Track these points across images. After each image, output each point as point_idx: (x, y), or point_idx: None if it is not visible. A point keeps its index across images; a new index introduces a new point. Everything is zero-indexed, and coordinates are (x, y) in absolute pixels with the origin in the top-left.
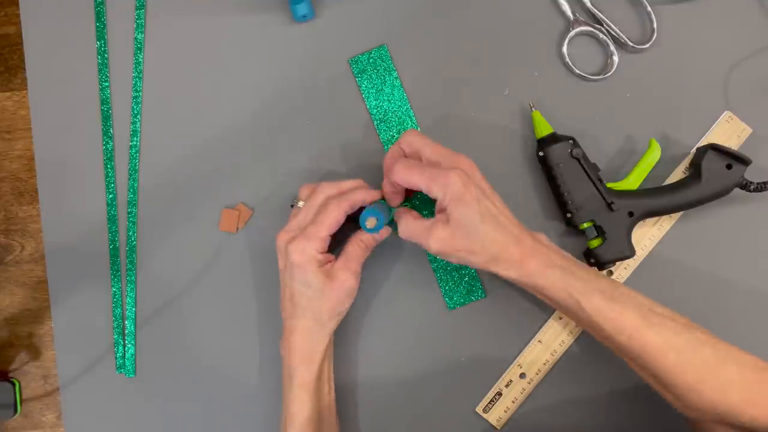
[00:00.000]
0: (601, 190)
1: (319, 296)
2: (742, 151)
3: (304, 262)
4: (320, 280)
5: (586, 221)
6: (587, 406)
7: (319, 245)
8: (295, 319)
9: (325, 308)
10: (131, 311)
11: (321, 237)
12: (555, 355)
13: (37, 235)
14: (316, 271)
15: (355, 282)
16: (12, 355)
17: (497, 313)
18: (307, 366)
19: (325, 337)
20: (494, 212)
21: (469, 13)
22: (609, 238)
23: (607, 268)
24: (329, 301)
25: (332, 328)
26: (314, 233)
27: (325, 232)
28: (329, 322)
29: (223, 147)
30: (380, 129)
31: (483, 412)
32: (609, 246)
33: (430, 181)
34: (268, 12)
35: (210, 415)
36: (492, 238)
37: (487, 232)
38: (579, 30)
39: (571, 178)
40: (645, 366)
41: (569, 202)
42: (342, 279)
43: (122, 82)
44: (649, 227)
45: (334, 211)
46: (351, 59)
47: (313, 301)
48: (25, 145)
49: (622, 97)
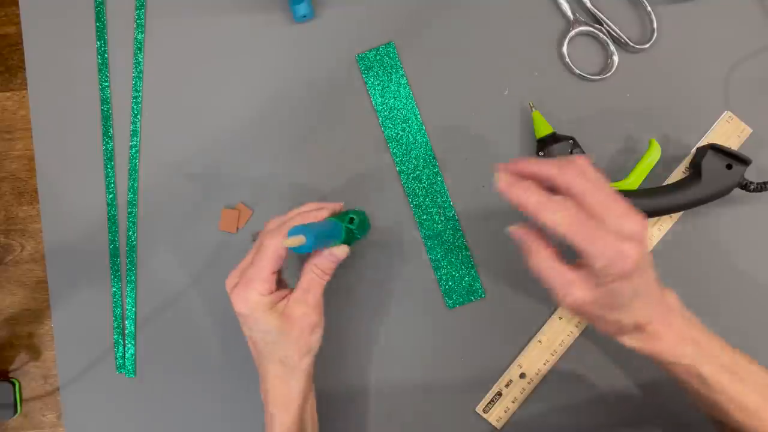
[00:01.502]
0: None
1: (280, 339)
2: (743, 152)
3: (250, 310)
4: (275, 323)
5: None
6: (587, 406)
7: (262, 287)
8: (264, 366)
9: (291, 351)
10: (131, 311)
11: (262, 278)
12: (555, 355)
13: (37, 235)
14: (266, 316)
15: (316, 315)
16: (12, 355)
17: (497, 313)
18: (286, 411)
19: (300, 378)
20: (649, 283)
21: (468, 13)
22: None
23: None
24: (293, 343)
25: (306, 366)
26: (254, 275)
27: (265, 271)
28: (300, 363)
29: (223, 147)
30: (385, 126)
31: (483, 412)
32: None
33: (591, 244)
34: (268, 12)
35: (210, 415)
36: (636, 313)
37: (633, 308)
38: (579, 30)
39: None
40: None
41: None
42: (299, 315)
43: (122, 82)
44: (649, 227)
45: (270, 246)
46: (358, 55)
47: (276, 345)
48: (25, 145)
49: (622, 97)
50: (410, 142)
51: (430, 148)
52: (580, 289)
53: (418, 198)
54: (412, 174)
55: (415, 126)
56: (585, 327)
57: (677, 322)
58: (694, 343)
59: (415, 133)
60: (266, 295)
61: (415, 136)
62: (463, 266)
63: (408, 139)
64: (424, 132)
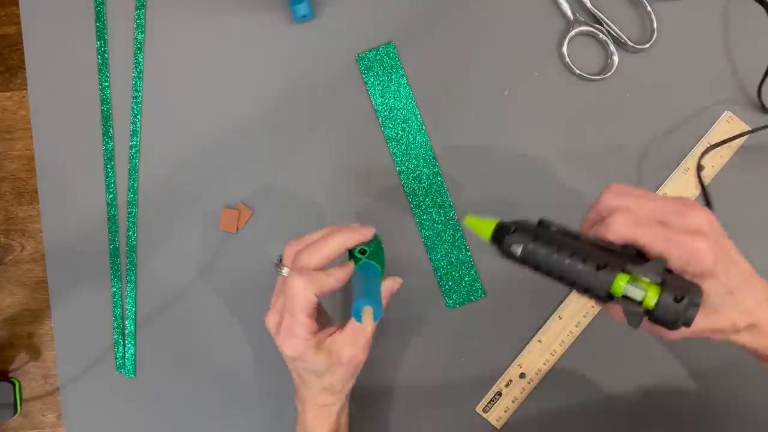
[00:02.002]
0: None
1: (327, 373)
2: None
3: (298, 354)
4: (323, 361)
5: (622, 278)
6: (587, 405)
7: (305, 332)
8: (307, 390)
9: (336, 381)
10: (131, 311)
11: (303, 324)
12: (555, 355)
13: (37, 235)
14: (314, 356)
15: (364, 355)
16: (12, 355)
17: (497, 313)
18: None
19: (340, 400)
20: (743, 271)
21: (468, 13)
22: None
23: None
24: (340, 375)
25: (348, 390)
26: (294, 324)
27: (304, 319)
28: (343, 389)
29: (223, 147)
30: (385, 126)
31: (483, 412)
32: (671, 286)
33: (668, 244)
34: (268, 12)
35: (210, 415)
36: (743, 309)
37: (737, 304)
38: (579, 30)
39: (563, 254)
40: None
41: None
42: (349, 356)
43: (122, 82)
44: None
45: (299, 296)
46: (358, 55)
47: (322, 378)
48: (25, 145)
49: (622, 97)
50: (410, 142)
51: (430, 148)
52: None
53: (418, 198)
54: (412, 174)
55: (415, 126)
56: (585, 327)
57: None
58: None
59: (415, 133)
60: (311, 338)
61: (415, 136)
62: (463, 266)
63: (408, 139)
64: (424, 132)
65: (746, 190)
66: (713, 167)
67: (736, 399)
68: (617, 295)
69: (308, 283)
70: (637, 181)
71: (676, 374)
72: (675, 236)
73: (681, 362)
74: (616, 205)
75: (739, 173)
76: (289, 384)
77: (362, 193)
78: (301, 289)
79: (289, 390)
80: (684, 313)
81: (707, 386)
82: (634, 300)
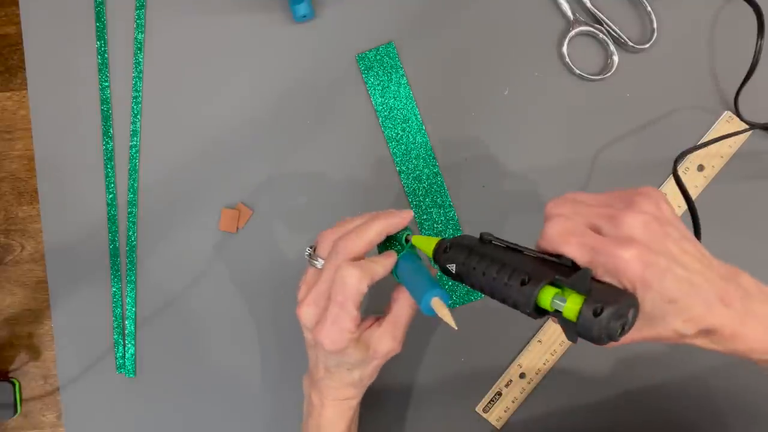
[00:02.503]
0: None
1: (359, 367)
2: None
3: (340, 347)
4: (360, 355)
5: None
6: (587, 405)
7: (351, 325)
8: (331, 382)
9: (366, 375)
10: (131, 311)
11: (352, 317)
12: (555, 355)
13: (37, 235)
14: (355, 350)
15: (401, 347)
16: (12, 355)
17: (497, 313)
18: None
19: (362, 392)
20: (686, 276)
21: (468, 13)
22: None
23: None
24: (371, 369)
25: (369, 383)
26: (342, 316)
27: (353, 310)
28: (370, 381)
29: (223, 147)
30: (385, 126)
31: (483, 412)
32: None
33: (593, 254)
34: (268, 12)
35: (210, 415)
36: (687, 317)
37: (679, 313)
38: (579, 30)
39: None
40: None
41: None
42: (387, 349)
43: (122, 82)
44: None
45: (353, 285)
46: (358, 55)
47: (353, 371)
48: (25, 145)
49: (622, 97)
50: (410, 142)
51: (430, 148)
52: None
53: (418, 198)
54: (412, 174)
55: (415, 126)
56: None
57: (761, 310)
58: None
59: (415, 133)
60: (356, 331)
61: (415, 136)
62: None
63: (408, 139)
64: (424, 132)
65: (746, 189)
66: (713, 167)
67: (737, 399)
68: (549, 309)
69: (362, 274)
70: (637, 180)
71: (677, 374)
72: (601, 246)
73: (681, 362)
74: (554, 213)
75: (739, 173)
76: (290, 384)
77: (362, 193)
78: (356, 278)
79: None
80: (606, 327)
81: (707, 386)
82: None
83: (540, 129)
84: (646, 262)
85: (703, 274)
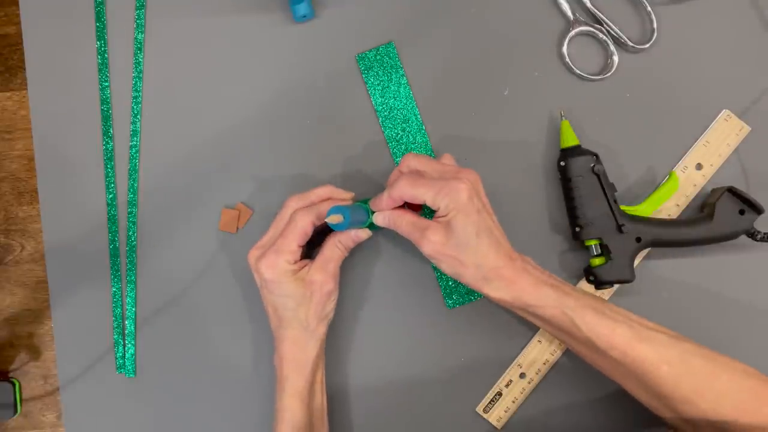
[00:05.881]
0: (614, 210)
1: (301, 304)
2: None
3: (276, 276)
4: (298, 289)
5: (593, 238)
6: (587, 405)
7: (289, 257)
8: (283, 330)
9: (310, 314)
10: (131, 311)
11: (291, 250)
12: (555, 355)
13: (37, 235)
14: (290, 281)
15: (333, 284)
16: (12, 355)
17: (497, 313)
18: (299, 374)
19: (316, 343)
20: (491, 228)
21: (468, 13)
22: (613, 259)
23: (604, 288)
24: (312, 307)
25: (322, 333)
26: (283, 246)
27: (293, 244)
28: (318, 328)
29: (223, 147)
30: (385, 126)
31: (483, 412)
32: (611, 267)
33: (437, 192)
34: (268, 12)
35: (210, 415)
36: (485, 253)
37: (480, 246)
38: (579, 30)
39: (587, 192)
40: (639, 380)
41: (580, 216)
42: (319, 281)
43: (122, 82)
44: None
45: (301, 221)
46: (358, 55)
47: (297, 310)
48: (25, 145)
49: (622, 97)
50: (410, 142)
51: (430, 148)
52: (434, 233)
53: None
54: None
55: (415, 126)
56: None
57: (534, 271)
58: (555, 287)
59: (415, 133)
60: (292, 264)
61: (415, 136)
62: None
63: (408, 139)
64: (424, 132)
65: (744, 189)
66: (711, 166)
67: None
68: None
69: (307, 210)
70: (636, 180)
71: None
72: (444, 182)
73: None
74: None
75: (738, 173)
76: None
77: (362, 193)
78: (304, 217)
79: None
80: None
81: None
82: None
83: (540, 129)
84: (470, 197)
85: (502, 234)
